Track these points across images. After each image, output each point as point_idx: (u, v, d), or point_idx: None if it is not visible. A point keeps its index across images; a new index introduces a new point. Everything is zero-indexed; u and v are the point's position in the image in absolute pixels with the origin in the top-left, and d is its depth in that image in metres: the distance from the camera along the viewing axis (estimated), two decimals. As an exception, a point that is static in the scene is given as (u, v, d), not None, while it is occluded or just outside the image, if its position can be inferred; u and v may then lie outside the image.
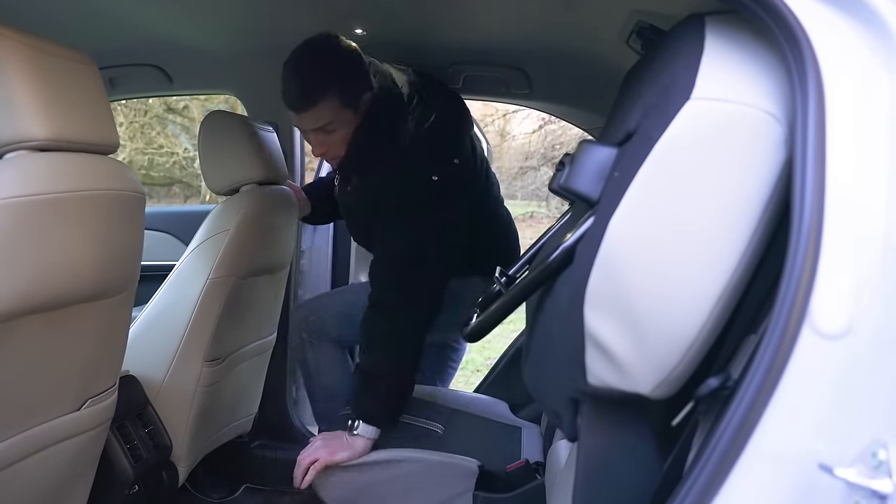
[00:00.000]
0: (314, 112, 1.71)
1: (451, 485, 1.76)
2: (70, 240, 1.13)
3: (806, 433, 0.66)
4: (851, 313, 0.65)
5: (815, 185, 0.67)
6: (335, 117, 1.72)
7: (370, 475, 1.79)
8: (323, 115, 1.71)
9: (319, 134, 1.76)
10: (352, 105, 1.73)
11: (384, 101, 1.78)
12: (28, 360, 1.16)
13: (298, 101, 1.71)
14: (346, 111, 1.73)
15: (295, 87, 1.70)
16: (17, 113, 1.05)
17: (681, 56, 0.77)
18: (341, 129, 1.75)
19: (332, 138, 1.76)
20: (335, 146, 1.78)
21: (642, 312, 0.75)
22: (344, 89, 1.70)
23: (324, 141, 1.77)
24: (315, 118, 1.72)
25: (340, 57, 1.74)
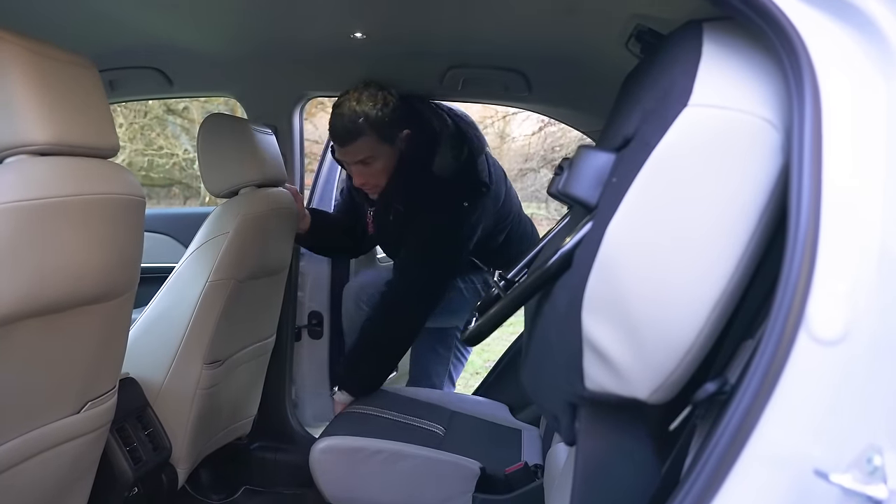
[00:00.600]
0: (353, 146, 1.97)
1: (452, 484, 1.79)
2: (71, 244, 1.13)
3: (802, 438, 0.67)
4: (847, 319, 0.66)
5: (812, 191, 0.67)
6: (373, 151, 1.98)
7: (372, 467, 1.81)
8: (361, 150, 1.97)
9: (359, 166, 2.01)
10: (389, 140, 1.99)
11: (420, 137, 2.04)
12: (28, 362, 1.16)
13: (341, 137, 1.97)
14: (383, 146, 1.99)
15: (340, 124, 1.96)
16: (18, 117, 1.05)
17: (679, 62, 0.78)
18: (379, 162, 2.00)
19: (371, 170, 2.02)
20: (373, 177, 2.04)
21: (640, 318, 0.75)
22: (380, 128, 1.96)
23: (363, 172, 2.03)
24: (354, 152, 1.98)
25: (379, 98, 1.98)
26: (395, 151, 2.02)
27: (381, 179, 2.06)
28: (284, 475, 2.37)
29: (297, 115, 2.33)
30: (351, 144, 1.96)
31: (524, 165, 10.33)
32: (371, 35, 1.83)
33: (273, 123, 2.24)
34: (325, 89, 2.30)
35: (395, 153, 2.02)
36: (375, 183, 2.07)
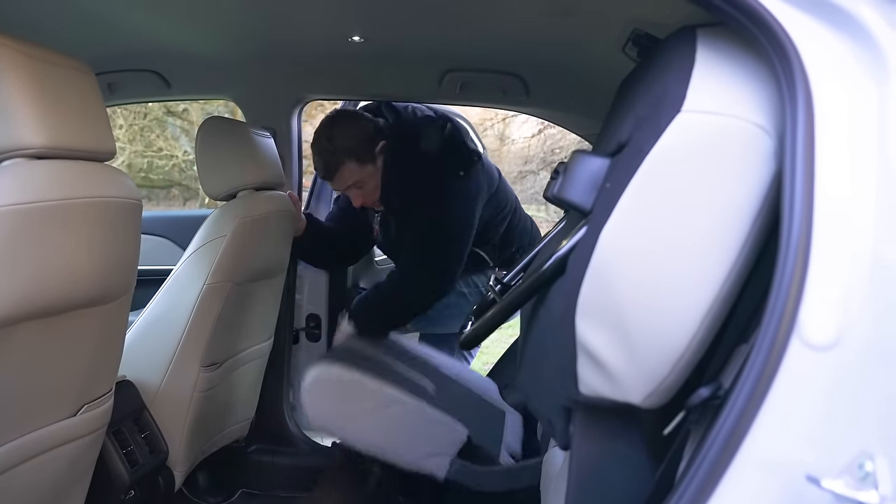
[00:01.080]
0: (338, 177, 2.08)
1: (437, 443, 1.84)
2: (68, 247, 1.14)
3: (795, 443, 0.67)
4: (840, 325, 0.66)
5: (804, 197, 0.67)
6: (358, 176, 2.08)
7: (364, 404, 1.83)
8: (346, 178, 2.08)
9: (352, 190, 2.12)
10: (370, 161, 2.08)
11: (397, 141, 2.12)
12: (25, 365, 1.16)
13: (324, 173, 2.11)
14: (366, 167, 2.08)
15: (321, 161, 2.09)
16: (13, 121, 1.05)
17: (672, 68, 0.78)
18: (368, 182, 2.10)
19: (364, 191, 2.12)
20: (370, 195, 2.13)
21: (633, 323, 0.75)
22: (357, 154, 2.05)
23: (358, 195, 2.13)
24: (341, 182, 2.10)
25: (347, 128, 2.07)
26: (379, 165, 2.11)
27: (377, 194, 2.15)
28: (282, 478, 2.37)
29: (295, 117, 2.34)
30: (336, 176, 2.08)
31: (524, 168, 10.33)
32: (369, 38, 1.83)
33: (272, 126, 2.24)
34: (324, 92, 2.30)
35: (378, 167, 2.11)
36: (373, 199, 2.16)
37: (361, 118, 2.13)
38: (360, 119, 2.13)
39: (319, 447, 2.46)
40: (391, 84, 2.21)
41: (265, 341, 2.19)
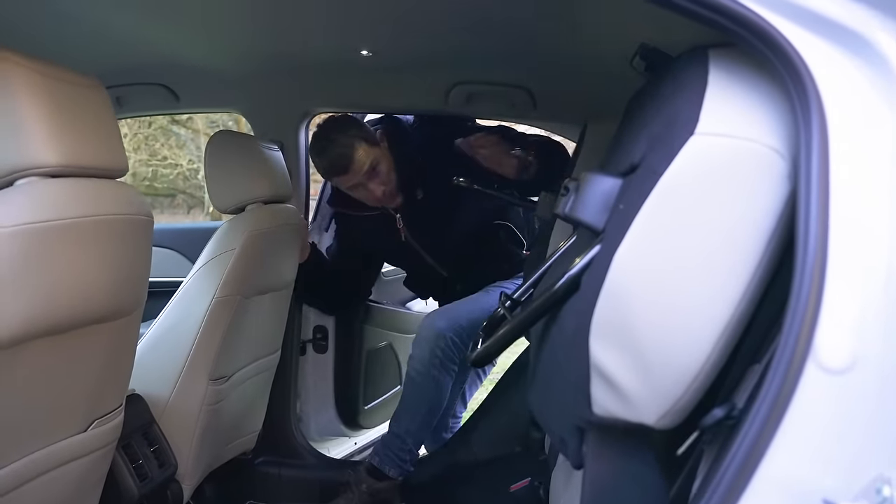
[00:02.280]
0: (356, 164, 2.04)
1: None
2: (81, 264, 1.14)
3: (812, 467, 0.67)
4: (855, 348, 0.66)
5: (819, 220, 0.68)
6: (372, 156, 2.06)
7: None
8: (363, 161, 2.04)
9: (373, 177, 2.08)
10: (376, 143, 2.09)
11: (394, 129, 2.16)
12: (36, 382, 1.16)
13: (339, 163, 2.05)
14: (375, 149, 2.08)
15: (332, 153, 2.04)
16: (28, 140, 1.06)
17: (685, 90, 0.78)
18: (382, 164, 2.09)
19: (382, 177, 2.10)
20: (387, 182, 2.11)
21: (647, 344, 0.75)
22: (364, 137, 2.06)
23: (380, 181, 2.10)
24: (359, 168, 2.05)
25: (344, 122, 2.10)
26: (385, 152, 2.12)
27: (393, 181, 2.13)
28: (289, 490, 2.37)
29: (303, 130, 2.34)
30: (353, 162, 2.03)
31: (527, 175, 10.29)
32: (377, 52, 1.84)
33: (279, 139, 2.24)
34: (331, 105, 2.31)
35: (386, 153, 2.11)
36: (391, 188, 2.14)
37: (352, 116, 2.17)
38: (352, 117, 2.16)
39: (326, 459, 2.46)
40: (399, 97, 2.21)
41: (272, 353, 2.20)
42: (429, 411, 2.17)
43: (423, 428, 2.19)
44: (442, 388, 2.16)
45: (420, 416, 2.16)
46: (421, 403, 2.15)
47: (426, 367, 2.13)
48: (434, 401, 2.16)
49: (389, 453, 2.16)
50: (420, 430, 2.18)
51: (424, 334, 2.16)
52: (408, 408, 2.18)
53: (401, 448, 2.16)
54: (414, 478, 2.28)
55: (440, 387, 2.15)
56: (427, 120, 2.30)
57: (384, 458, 2.17)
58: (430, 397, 2.14)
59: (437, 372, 2.13)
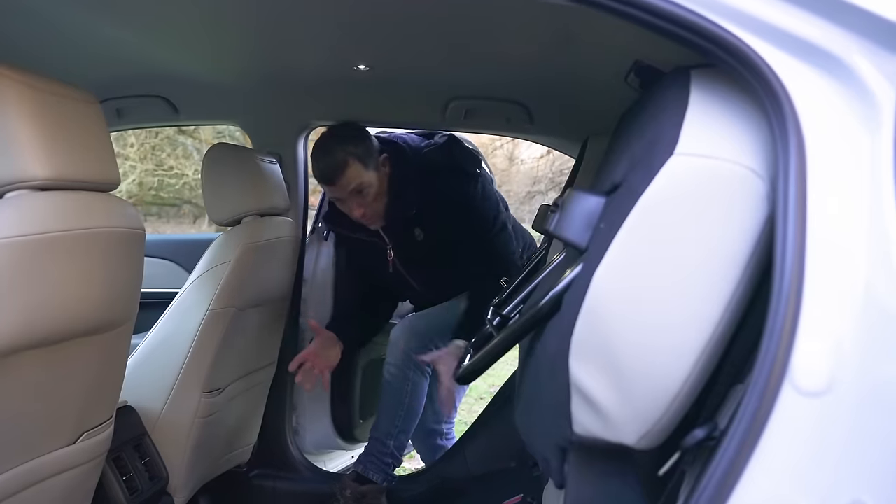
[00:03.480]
0: (344, 178, 1.97)
1: None
2: (70, 277, 1.14)
3: (788, 489, 0.66)
4: (832, 371, 0.65)
5: (797, 241, 0.67)
6: (363, 178, 1.99)
7: None
8: (352, 179, 1.98)
9: (356, 197, 2.02)
10: (373, 167, 2.02)
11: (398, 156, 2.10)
12: (25, 393, 1.16)
13: (329, 174, 1.98)
14: (369, 172, 2.01)
15: (324, 162, 1.99)
16: (18, 153, 1.06)
17: (666, 110, 0.78)
18: (371, 188, 2.02)
19: (366, 199, 2.03)
20: (371, 205, 2.05)
21: (627, 364, 0.75)
22: (361, 157, 1.99)
23: (361, 203, 2.03)
24: (346, 184, 1.98)
25: (351, 133, 2.04)
26: (382, 176, 2.06)
27: (379, 206, 2.08)
28: (283, 503, 2.36)
29: (301, 143, 2.35)
30: (341, 177, 1.98)
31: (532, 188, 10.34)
32: (374, 67, 1.85)
33: (277, 152, 2.26)
34: (329, 119, 2.32)
35: (381, 178, 2.06)
36: (374, 211, 2.08)
37: (363, 129, 2.11)
38: (362, 129, 2.10)
39: (321, 472, 2.45)
40: (396, 111, 2.22)
41: (267, 366, 2.20)
42: (407, 414, 2.20)
43: (404, 431, 2.21)
44: (418, 389, 2.20)
45: (399, 418, 2.19)
46: (398, 406, 2.18)
47: (400, 370, 2.18)
48: (411, 403, 2.19)
49: (373, 458, 2.18)
50: (400, 432, 2.20)
51: (397, 338, 2.21)
52: (386, 411, 2.21)
53: (382, 452, 2.18)
54: (406, 491, 2.28)
55: (416, 388, 2.19)
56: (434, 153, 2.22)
57: (367, 464, 2.18)
58: (407, 399, 2.18)
59: (412, 373, 2.17)
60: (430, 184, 2.10)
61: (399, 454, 2.24)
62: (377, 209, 2.07)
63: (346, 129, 2.06)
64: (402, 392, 2.18)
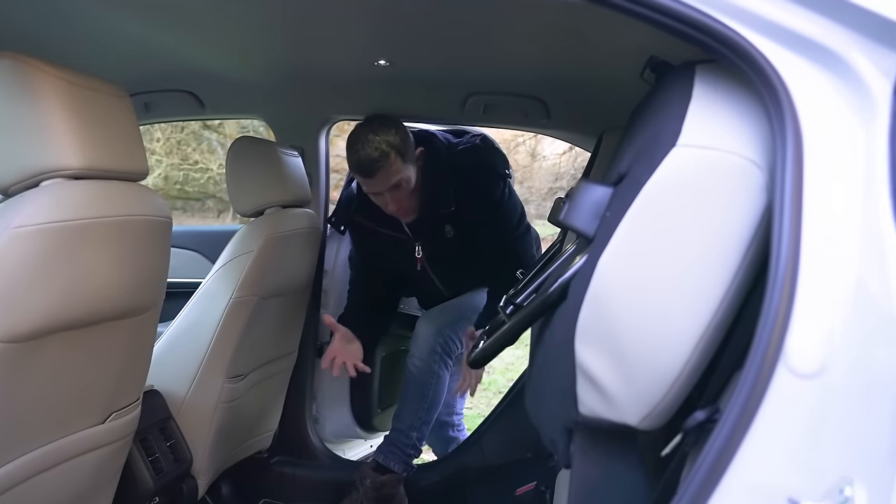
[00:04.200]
0: (383, 173, 1.98)
1: None
2: (100, 262, 1.20)
3: (780, 467, 0.69)
4: (824, 354, 0.68)
5: (792, 230, 0.70)
6: (401, 173, 2.01)
7: None
8: (391, 175, 1.99)
9: (393, 192, 2.03)
10: (410, 161, 2.04)
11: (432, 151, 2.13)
12: (58, 373, 1.22)
13: (368, 168, 1.97)
14: (407, 167, 2.03)
15: (364, 154, 1.97)
16: (54, 143, 1.12)
17: (670, 104, 0.81)
18: (409, 183, 2.05)
19: (403, 193, 2.04)
20: (406, 199, 2.07)
21: (629, 347, 0.78)
22: (402, 151, 2.00)
23: (398, 198, 2.05)
24: (385, 179, 1.99)
25: (391, 126, 2.02)
26: (417, 171, 2.08)
27: (414, 200, 2.10)
28: (303, 490, 2.41)
29: (323, 137, 2.40)
30: (380, 172, 1.98)
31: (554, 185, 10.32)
32: (395, 62, 1.88)
33: (300, 146, 2.30)
34: (351, 113, 2.36)
35: (416, 172, 2.07)
36: (408, 205, 2.10)
37: (399, 121, 2.09)
38: (398, 121, 2.09)
39: (341, 460, 2.50)
40: (416, 106, 2.26)
41: (288, 355, 2.25)
42: (429, 406, 2.24)
43: (426, 423, 2.25)
44: (441, 383, 2.24)
45: (423, 410, 2.23)
46: (422, 398, 2.22)
47: (426, 363, 2.22)
48: (434, 395, 2.23)
49: (394, 450, 2.23)
50: (423, 424, 2.24)
51: (423, 332, 2.25)
52: (410, 403, 2.25)
53: (405, 444, 2.22)
54: (423, 480, 2.32)
55: (440, 381, 2.24)
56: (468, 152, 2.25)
57: (388, 454, 2.23)
58: (430, 392, 2.22)
59: (437, 367, 2.21)
60: (464, 182, 2.14)
61: (420, 445, 2.28)
62: (412, 204, 2.10)
63: (384, 122, 2.04)
64: (426, 385, 2.22)
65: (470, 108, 2.15)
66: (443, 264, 2.29)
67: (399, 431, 2.24)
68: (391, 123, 2.04)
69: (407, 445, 2.23)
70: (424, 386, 2.22)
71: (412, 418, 2.23)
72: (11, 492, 1.21)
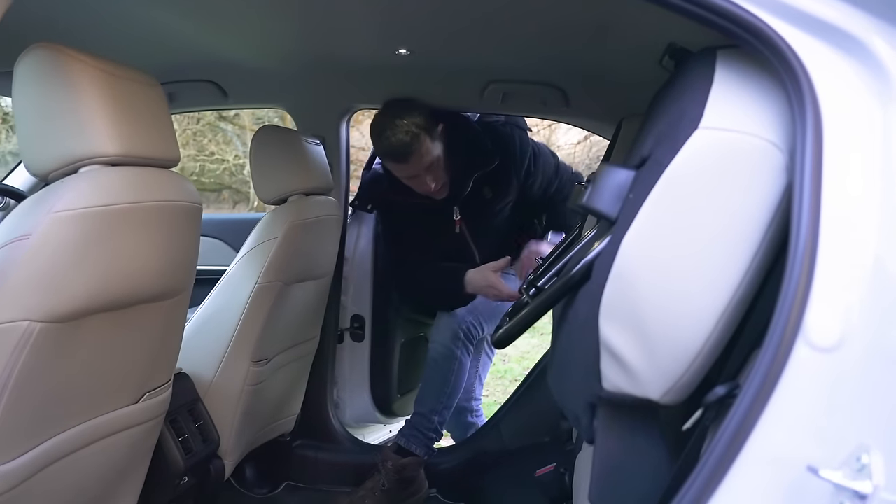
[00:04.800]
0: (417, 155, 2.07)
1: None
2: (136, 246, 1.24)
3: (799, 438, 0.72)
4: (843, 329, 0.71)
5: (811, 209, 0.73)
6: (433, 152, 2.11)
7: None
8: (424, 155, 2.09)
9: (428, 172, 2.12)
10: (437, 139, 2.13)
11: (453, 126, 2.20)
12: (95, 354, 1.26)
13: (402, 152, 2.07)
14: (436, 144, 2.13)
15: (396, 139, 2.05)
16: (91, 131, 1.16)
17: (692, 89, 0.84)
18: (441, 160, 2.15)
19: (438, 170, 2.15)
20: (441, 175, 2.17)
21: (651, 324, 0.81)
22: (429, 130, 2.09)
23: (433, 175, 2.14)
24: (419, 161, 2.08)
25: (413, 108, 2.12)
26: (442, 145, 2.16)
27: (446, 174, 2.20)
28: (325, 473, 2.46)
29: (343, 126, 2.43)
30: (414, 154, 2.05)
31: (569, 175, 10.26)
32: (415, 51, 1.91)
33: (321, 134, 2.34)
34: (371, 102, 2.39)
35: (442, 147, 2.16)
36: (442, 182, 2.20)
37: (418, 101, 2.18)
38: (417, 101, 2.18)
39: (361, 444, 2.55)
40: (436, 94, 2.28)
41: (311, 339, 2.29)
42: (451, 391, 2.28)
43: (447, 407, 2.30)
44: (463, 368, 2.28)
45: (445, 395, 2.27)
46: (444, 383, 2.26)
47: (448, 349, 2.25)
48: (456, 380, 2.27)
49: (416, 433, 2.27)
50: (444, 408, 2.29)
51: (446, 317, 2.30)
52: (432, 388, 2.29)
53: (427, 427, 2.27)
54: (443, 463, 2.36)
55: (462, 366, 2.28)
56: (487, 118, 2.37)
57: (410, 438, 2.27)
58: (453, 377, 2.26)
59: (460, 352, 2.26)
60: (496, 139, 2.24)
61: (441, 429, 2.33)
62: (445, 179, 2.19)
63: (406, 105, 2.12)
64: (448, 370, 2.27)
65: (489, 96, 2.17)
66: (482, 227, 2.35)
67: (421, 415, 2.28)
68: (413, 105, 2.12)
69: (428, 429, 2.27)
70: (446, 371, 2.26)
71: (434, 402, 2.27)
72: (52, 467, 1.26)
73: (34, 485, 1.22)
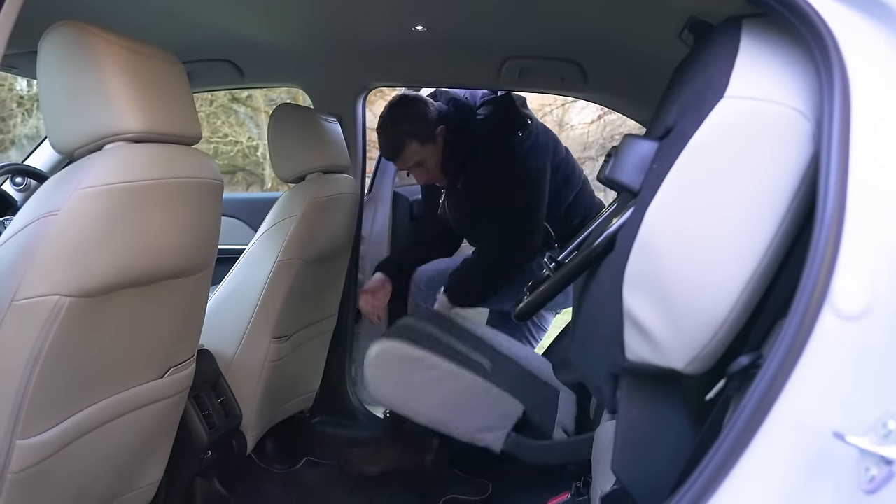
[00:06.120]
0: (402, 157, 2.23)
1: (492, 417, 1.93)
2: (160, 222, 1.25)
3: (826, 405, 0.72)
4: (869, 297, 0.71)
5: (839, 177, 0.72)
6: (421, 155, 2.23)
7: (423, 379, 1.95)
8: (410, 157, 2.23)
9: (416, 168, 2.27)
10: (430, 141, 2.22)
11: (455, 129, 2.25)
12: (122, 329, 1.28)
13: (389, 153, 2.26)
14: (427, 147, 2.22)
15: (385, 143, 2.25)
16: (116, 108, 1.17)
17: (717, 58, 0.83)
18: (430, 160, 2.25)
19: (426, 169, 2.27)
20: (432, 173, 2.29)
21: (676, 294, 0.82)
22: (418, 135, 2.19)
23: (421, 172, 2.29)
24: (405, 161, 2.25)
25: (409, 111, 2.22)
26: (439, 146, 2.25)
27: (440, 172, 2.30)
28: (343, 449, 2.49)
29: (360, 104, 2.44)
30: (400, 156, 2.22)
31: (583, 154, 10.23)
32: (431, 28, 1.90)
33: (338, 113, 2.34)
34: (388, 80, 2.40)
35: (439, 147, 2.25)
36: (436, 177, 2.31)
37: (422, 102, 2.25)
38: (420, 103, 2.25)
39: (379, 421, 2.57)
40: (452, 71, 2.28)
41: (329, 317, 2.31)
42: None
43: None
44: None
45: None
46: None
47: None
48: None
49: None
50: None
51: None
52: None
53: None
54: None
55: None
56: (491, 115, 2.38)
57: None
58: None
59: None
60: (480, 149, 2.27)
61: None
62: (437, 173, 2.30)
63: (405, 108, 2.23)
64: None
65: (506, 74, 2.16)
66: (459, 220, 2.45)
67: None
68: (411, 109, 2.23)
69: None
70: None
71: None
72: (82, 439, 1.28)
73: (65, 456, 1.25)
